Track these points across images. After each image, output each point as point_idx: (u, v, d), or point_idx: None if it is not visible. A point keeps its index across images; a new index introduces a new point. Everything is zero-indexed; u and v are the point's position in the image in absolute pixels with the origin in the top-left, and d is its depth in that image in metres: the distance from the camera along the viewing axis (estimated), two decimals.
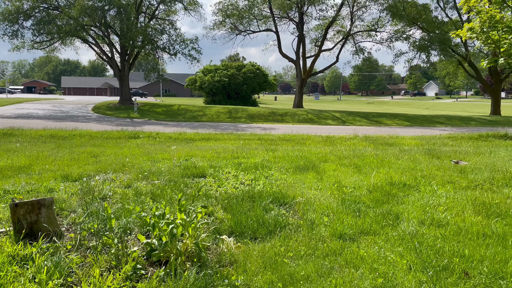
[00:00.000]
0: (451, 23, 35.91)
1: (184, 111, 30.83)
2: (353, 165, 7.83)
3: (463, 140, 17.05)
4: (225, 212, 4.89)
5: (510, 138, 17.04)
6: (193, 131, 17.92)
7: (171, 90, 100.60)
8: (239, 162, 8.32)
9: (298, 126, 24.02)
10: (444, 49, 33.96)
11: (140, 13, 35.58)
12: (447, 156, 8.96)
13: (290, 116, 29.38)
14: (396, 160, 8.55)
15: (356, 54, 37.31)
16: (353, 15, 36.20)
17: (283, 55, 39.31)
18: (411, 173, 6.95)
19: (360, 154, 9.46)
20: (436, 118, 30.67)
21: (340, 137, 16.97)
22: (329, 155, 9.31)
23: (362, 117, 30.03)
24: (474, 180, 6.34)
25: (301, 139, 16.39)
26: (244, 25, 37.78)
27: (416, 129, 22.35)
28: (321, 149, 10.83)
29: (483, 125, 26.71)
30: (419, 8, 34.35)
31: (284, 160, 8.61)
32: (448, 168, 7.44)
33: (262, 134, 17.29)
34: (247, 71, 46.28)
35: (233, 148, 10.95)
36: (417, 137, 17.59)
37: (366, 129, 21.72)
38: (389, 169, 7.34)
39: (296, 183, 6.41)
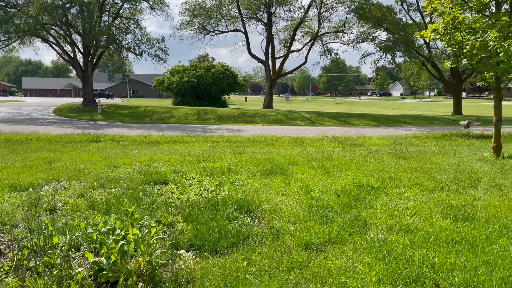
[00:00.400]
0: (415, 25, 36.91)
1: (151, 112, 30.03)
2: (322, 168, 7.67)
3: (428, 139, 17.42)
4: (186, 222, 4.56)
5: (472, 137, 17.57)
6: (159, 134, 17.36)
7: (139, 91, 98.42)
8: (205, 166, 7.98)
9: (268, 127, 23.87)
10: (409, 50, 34.84)
11: (104, 12, 34.42)
12: (414, 157, 8.99)
13: (260, 117, 29.22)
14: (364, 161, 8.47)
15: (324, 55, 37.69)
16: (321, 16, 36.52)
17: (252, 55, 39.14)
18: (379, 175, 6.85)
19: (328, 155, 9.34)
20: (402, 118, 31.39)
21: (309, 138, 16.92)
22: (298, 157, 9.13)
23: (331, 117, 30.30)
24: (440, 181, 6.30)
25: (271, 141, 16.21)
26: (212, 25, 37.33)
27: (383, 129, 22.71)
28: (290, 151, 10.65)
29: (446, 124, 27.54)
30: (384, 10, 35.09)
31: (252, 163, 8.35)
32: (415, 169, 7.41)
33: (231, 136, 16.98)
34: (216, 72, 45.80)
35: (200, 151, 10.59)
36: (384, 137, 17.82)
37: (335, 130, 21.85)
38: (357, 171, 7.23)
39: (263, 188, 6.16)
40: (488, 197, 5.36)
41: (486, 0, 8.73)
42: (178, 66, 49.02)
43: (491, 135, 18.40)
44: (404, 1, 37.99)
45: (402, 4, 38.15)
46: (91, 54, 32.98)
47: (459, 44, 8.31)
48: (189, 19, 35.43)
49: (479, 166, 7.58)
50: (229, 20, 38.51)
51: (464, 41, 8.20)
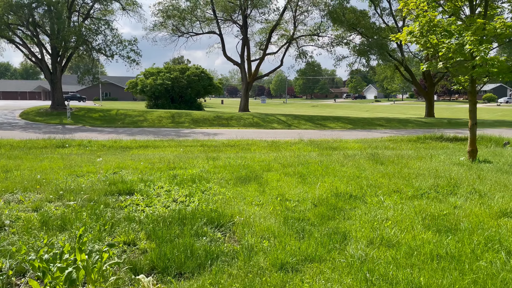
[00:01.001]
0: (388, 29, 37.48)
1: (123, 116, 29.12)
2: (298, 174, 7.37)
3: (403, 142, 17.51)
4: (149, 240, 4.13)
5: (445, 140, 17.80)
6: (131, 138, 16.70)
7: (112, 93, 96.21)
8: (175, 174, 7.53)
9: (243, 130, 23.51)
10: (382, 54, 35.30)
11: (73, 12, 33.25)
12: (391, 161, 8.83)
13: (236, 120, 28.83)
14: (341, 167, 8.23)
15: (300, 58, 37.71)
16: (296, 19, 36.55)
17: (227, 58, 38.74)
18: (356, 182, 6.60)
19: (305, 161, 9.07)
20: (377, 120, 31.69)
21: (285, 142, 16.68)
22: (273, 163, 8.81)
23: (307, 120, 30.25)
24: (419, 188, 6.11)
25: (246, 145, 15.86)
26: (186, 27, 36.70)
27: (358, 132, 22.76)
28: (265, 156, 10.32)
29: (419, 127, 27.96)
30: (358, 14, 35.45)
31: (225, 170, 7.97)
32: (393, 174, 7.22)
33: (205, 140, 16.53)
34: (191, 74, 45.11)
35: (171, 157, 10.11)
36: (360, 140, 17.79)
37: (311, 133, 21.73)
38: (334, 178, 6.96)
39: (236, 198, 5.78)
40: (468, 205, 5.17)
41: (460, 3, 8.69)
42: (152, 68, 48.02)
43: (463, 138, 18.79)
44: (378, 5, 38.53)
45: (376, 8, 38.68)
46: (60, 56, 31.72)
47: (434, 47, 8.21)
48: (163, 21, 34.69)
49: (457, 171, 7.47)
50: (204, 22, 37.99)
51: (440, 44, 8.10)
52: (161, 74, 45.07)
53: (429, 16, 7.70)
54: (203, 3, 36.09)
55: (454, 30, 7.68)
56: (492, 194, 5.62)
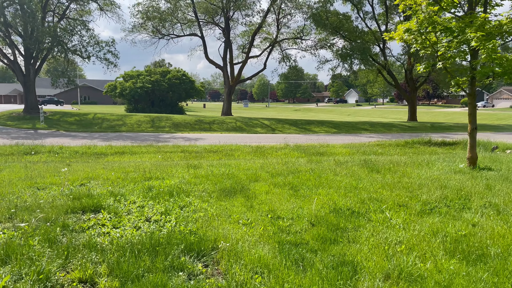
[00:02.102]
0: (371, 33, 37.38)
1: (100, 120, 27.88)
2: (288, 185, 6.62)
3: (391, 147, 17.03)
4: (111, 276, 3.29)
5: (433, 144, 17.42)
6: (106, 144, 15.67)
7: (92, 97, 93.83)
8: (150, 185, 6.68)
9: (226, 135, 22.69)
10: (365, 58, 35.09)
11: (48, 12, 31.86)
12: (387, 169, 8.19)
13: (218, 125, 27.99)
14: (334, 176, 7.53)
15: (283, 61, 37.17)
16: (279, 22, 36.04)
17: (209, 61, 37.89)
18: (355, 194, 5.90)
19: (294, 169, 8.33)
20: (361, 124, 31.37)
21: (270, 147, 15.95)
22: (260, 172, 8.04)
23: (291, 124, 29.65)
24: (427, 201, 5.44)
25: (230, 150, 15.06)
26: (167, 29, 35.69)
27: (344, 137, 22.25)
28: (251, 163, 9.55)
29: (404, 131, 27.73)
30: (341, 17, 35.19)
31: (208, 180, 7.15)
32: (393, 185, 6.55)
33: (186, 146, 15.64)
34: (172, 77, 44.03)
35: (148, 165, 9.22)
36: (348, 145, 17.23)
37: (296, 137, 21.10)
38: (329, 189, 6.24)
39: (220, 215, 4.99)
40: (487, 223, 4.52)
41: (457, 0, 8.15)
42: (132, 71, 46.71)
43: (452, 142, 18.49)
44: (360, 9, 38.42)
45: (358, 12, 38.55)
46: (34, 57, 30.25)
47: (433, 46, 7.63)
48: (142, 22, 33.60)
49: (460, 180, 6.86)
50: (185, 24, 37.07)
51: (439, 43, 7.53)
52: (141, 77, 43.84)
53: (429, 10, 7.10)
54: (184, 5, 35.22)
55: (455, 27, 7.11)
56: (510, 209, 4.99)
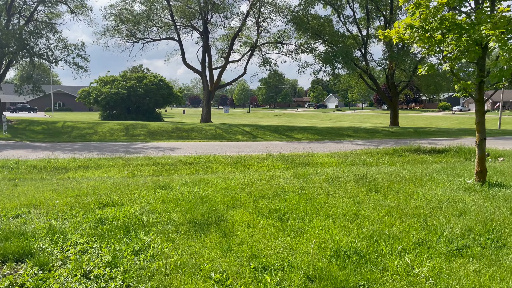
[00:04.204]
0: (352, 37, 36.81)
1: (70, 128, 26.08)
2: (275, 213, 5.41)
3: (379, 156, 16.09)
4: None
5: (423, 152, 16.60)
6: (70, 156, 14.12)
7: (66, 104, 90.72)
8: (103, 216, 5.35)
9: (205, 143, 21.37)
10: (347, 62, 34.41)
11: (13, 14, 29.89)
12: (387, 187, 7.09)
13: (197, 132, 26.63)
14: (328, 197, 6.37)
15: (263, 65, 36.12)
16: (259, 26, 35.03)
17: (187, 65, 36.49)
18: (358, 227, 4.74)
19: (280, 188, 7.13)
20: (344, 130, 30.56)
21: (252, 157, 14.74)
22: (241, 193, 6.81)
23: (272, 131, 28.54)
24: (450, 237, 4.32)
25: (207, 162, 13.77)
26: (142, 32, 34.14)
27: (328, 144, 21.26)
28: (230, 180, 8.31)
29: (388, 137, 27.02)
30: (322, 21, 34.47)
31: (176, 206, 5.87)
32: (401, 210, 5.43)
33: (159, 157, 14.25)
34: (149, 83, 42.36)
35: (108, 185, 7.84)
36: (333, 154, 16.19)
37: (278, 146, 19.96)
38: (325, 219, 5.06)
39: (187, 265, 3.73)
40: None
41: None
42: (107, 76, 44.82)
43: (441, 150, 17.71)
44: (341, 13, 37.85)
45: (339, 16, 37.95)
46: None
47: (439, 45, 6.61)
48: (115, 25, 31.95)
49: (477, 203, 5.81)
50: (161, 27, 35.62)
51: (445, 41, 6.51)
52: (116, 83, 42.03)
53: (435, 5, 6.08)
54: (160, 7, 33.77)
55: (466, 24, 6.12)
56: None
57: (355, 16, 37.39)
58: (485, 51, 6.56)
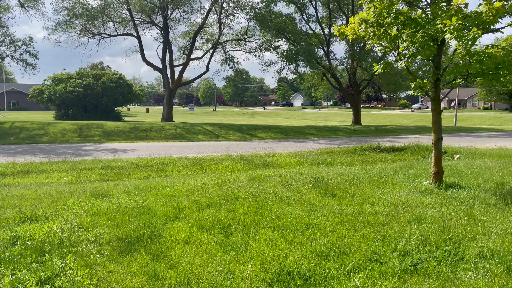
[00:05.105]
0: (315, 36, 36.87)
1: (18, 129, 24.34)
2: (219, 225, 4.86)
3: (340, 155, 15.91)
4: None
5: (382, 151, 16.59)
6: (10, 160, 12.92)
7: (21, 103, 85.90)
8: (18, 234, 4.60)
9: (164, 144, 20.49)
10: (310, 61, 34.40)
11: None
12: (343, 190, 6.72)
13: (156, 132, 25.63)
14: (280, 204, 5.90)
15: (226, 63, 35.46)
16: (221, 22, 34.31)
17: (147, 62, 35.20)
18: (308, 240, 4.27)
19: (231, 194, 6.59)
20: (308, 129, 30.51)
21: (210, 159, 14.11)
22: (186, 201, 6.21)
23: (236, 130, 27.98)
24: (405, 250, 3.92)
25: (162, 165, 13.01)
26: (97, 28, 32.53)
27: (291, 143, 20.97)
28: (179, 186, 7.68)
29: (350, 135, 27.16)
30: (285, 18, 34.25)
31: (109, 220, 5.20)
32: (355, 218, 5.03)
33: (110, 160, 13.33)
34: (107, 81, 40.59)
35: (40, 195, 7.00)
36: (295, 154, 15.86)
37: (240, 145, 19.43)
38: (273, 232, 4.57)
39: None
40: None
41: None
42: (62, 74, 42.59)
43: (400, 148, 17.81)
44: (304, 11, 37.83)
45: (302, 15, 37.92)
46: None
47: (394, 41, 6.29)
48: (68, 19, 30.22)
49: (433, 207, 5.52)
50: (118, 23, 34.11)
51: (400, 37, 6.20)
52: (72, 81, 39.97)
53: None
54: (117, 1, 32.28)
55: (422, 18, 5.82)
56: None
57: (317, 15, 37.48)
58: (440, 48, 6.31)
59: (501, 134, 27.58)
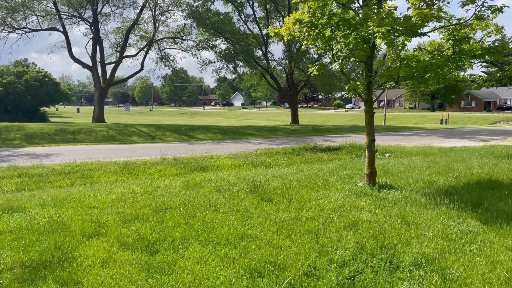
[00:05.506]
0: (253, 36, 36.96)
1: None
2: (143, 242, 4.37)
3: (278, 155, 15.90)
4: None
5: (319, 150, 16.88)
6: None
7: None
8: None
9: (93, 147, 19.13)
10: (248, 61, 34.40)
11: None
12: (280, 195, 6.52)
13: (86, 134, 23.96)
14: (214, 213, 5.53)
15: (161, 61, 34.23)
16: (156, 19, 33.07)
17: (75, 60, 32.88)
18: (241, 255, 3.96)
19: (161, 204, 6.09)
20: (247, 129, 30.44)
21: (143, 163, 13.32)
22: (109, 213, 5.61)
23: (173, 131, 27.07)
24: (342, 261, 3.74)
25: (88, 170, 12.01)
26: (18, 22, 29.73)
27: (230, 144, 20.67)
28: (104, 195, 7.00)
29: (289, 135, 27.51)
30: (222, 17, 33.90)
31: (14, 240, 4.47)
32: (291, 226, 4.82)
33: (29, 167, 12.03)
34: (30, 79, 37.34)
35: None
36: (233, 155, 15.56)
37: (177, 147, 18.72)
38: (204, 247, 4.19)
39: None
40: None
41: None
42: None
43: (336, 147, 18.27)
44: (241, 11, 37.77)
45: (240, 14, 37.84)
46: None
47: (328, 42, 6.21)
48: None
49: (368, 210, 5.50)
50: (43, 16, 31.45)
51: (334, 38, 6.13)
52: None
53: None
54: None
55: (354, 20, 5.79)
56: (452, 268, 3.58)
57: (255, 15, 37.62)
58: (373, 50, 6.36)
59: (425, 132, 29.60)
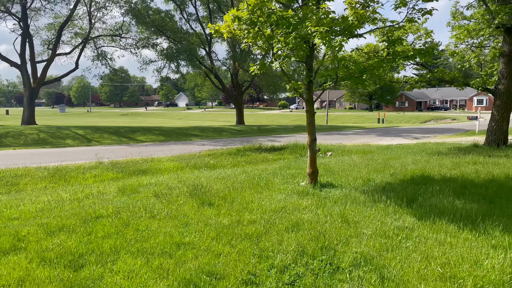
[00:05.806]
0: (196, 35, 36.37)
1: None
2: (67, 256, 3.94)
3: (223, 156, 15.66)
4: None
5: (263, 151, 16.90)
6: None
7: None
8: None
9: (22, 151, 17.61)
10: (192, 60, 33.76)
11: None
12: (222, 198, 6.31)
13: (14, 138, 22.05)
14: (150, 220, 5.19)
15: (98, 59, 32.51)
16: (92, 15, 31.34)
17: (1, 57, 30.19)
18: (176, 265, 3.69)
19: (91, 212, 5.61)
20: (191, 130, 29.85)
21: (76, 167, 12.44)
22: (32, 225, 5.05)
23: (111, 133, 25.77)
24: (283, 265, 3.61)
25: (14, 177, 10.97)
26: None
27: (173, 146, 20.06)
28: (29, 204, 6.34)
29: (234, 135, 27.36)
30: (163, 15, 32.95)
31: None
32: (233, 230, 4.63)
33: None
34: None
35: None
36: (176, 157, 15.07)
37: (115, 150, 17.79)
38: (135, 259, 3.86)
39: None
40: None
41: None
42: None
43: (280, 147, 18.39)
44: (184, 10, 37.03)
45: (182, 13, 37.06)
46: None
47: (269, 41, 6.11)
48: None
49: (310, 210, 5.47)
50: None
51: (275, 37, 6.04)
52: None
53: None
54: None
55: (294, 19, 5.74)
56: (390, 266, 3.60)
57: (198, 14, 37.04)
58: (312, 50, 6.37)
59: (364, 131, 30.94)
